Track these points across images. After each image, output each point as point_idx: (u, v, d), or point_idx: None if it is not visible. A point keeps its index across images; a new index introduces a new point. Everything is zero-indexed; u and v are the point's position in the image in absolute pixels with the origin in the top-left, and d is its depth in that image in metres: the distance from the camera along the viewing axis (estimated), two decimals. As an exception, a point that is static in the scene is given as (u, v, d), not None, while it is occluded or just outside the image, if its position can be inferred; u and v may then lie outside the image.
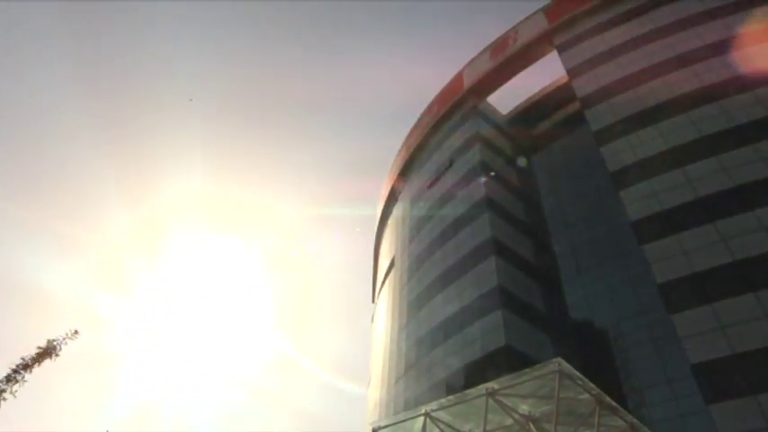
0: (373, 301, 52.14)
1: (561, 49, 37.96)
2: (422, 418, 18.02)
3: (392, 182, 51.87)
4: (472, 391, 17.42)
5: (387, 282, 44.07)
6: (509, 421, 17.30)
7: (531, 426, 17.13)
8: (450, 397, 19.42)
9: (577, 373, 15.31)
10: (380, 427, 19.32)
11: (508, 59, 42.16)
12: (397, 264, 41.58)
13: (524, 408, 17.25)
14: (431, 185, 40.96)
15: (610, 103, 31.00)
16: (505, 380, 16.50)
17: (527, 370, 16.42)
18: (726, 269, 20.82)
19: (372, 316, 49.30)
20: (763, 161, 23.27)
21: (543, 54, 41.25)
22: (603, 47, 35.11)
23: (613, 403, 15.57)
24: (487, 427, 17.17)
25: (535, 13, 42.77)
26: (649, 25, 34.22)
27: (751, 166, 23.32)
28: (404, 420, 19.31)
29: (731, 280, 20.43)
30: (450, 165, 39.50)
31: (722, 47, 29.61)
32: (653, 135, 27.55)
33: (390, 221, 49.94)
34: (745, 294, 19.67)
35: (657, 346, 23.85)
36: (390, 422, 19.85)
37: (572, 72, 35.51)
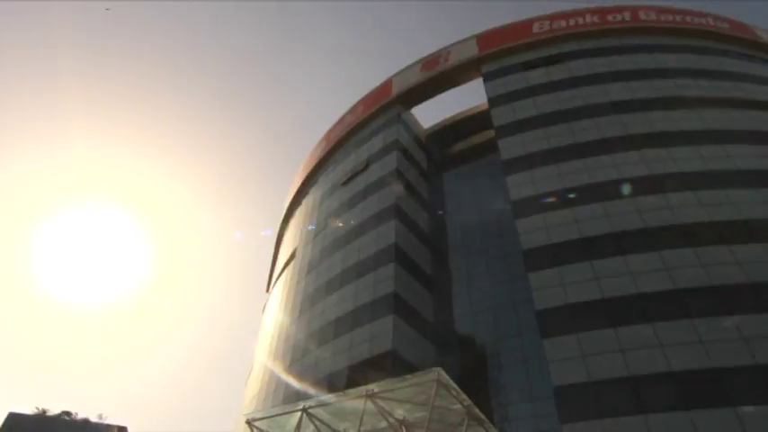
0: (268, 291, 51.03)
1: (486, 78, 39.98)
2: (298, 414, 17.94)
3: (306, 173, 51.23)
4: (352, 392, 17.68)
5: (285, 273, 43.39)
6: (383, 424, 17.77)
7: (404, 430, 17.75)
8: (331, 395, 19.53)
9: (454, 384, 16.12)
10: (255, 420, 18.95)
11: (437, 76, 43.55)
12: (298, 256, 41.12)
13: (400, 412, 17.81)
14: (344, 183, 41.06)
15: (521, 136, 33.21)
16: (386, 384, 16.95)
17: (408, 376, 16.99)
18: (594, 304, 23.15)
19: (264, 306, 48.22)
20: (638, 213, 26.22)
21: (470, 78, 43.14)
22: (524, 84, 37.53)
23: (482, 415, 16.62)
24: (362, 428, 17.52)
25: (469, 38, 44.65)
26: (565, 73, 37.17)
27: (629, 216, 26.18)
28: (280, 414, 19.08)
29: (597, 315, 22.75)
30: (366, 167, 39.89)
31: (622, 106, 32.97)
32: (553, 174, 29.93)
33: (298, 212, 49.28)
34: (606, 329, 22.00)
35: (528, 366, 25.94)
36: (266, 415, 19.52)
37: (492, 101, 37.54)
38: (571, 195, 28.30)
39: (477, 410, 16.55)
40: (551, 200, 28.53)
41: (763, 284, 22.04)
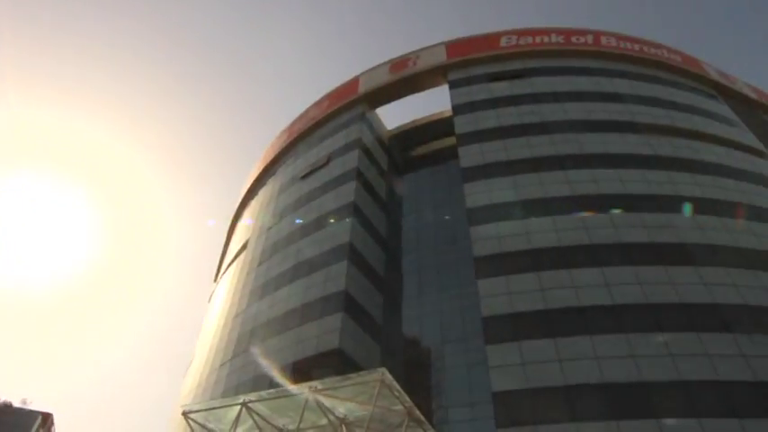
0: (215, 280, 49.88)
1: (452, 86, 40.60)
2: (237, 407, 17.70)
3: (265, 164, 50.43)
4: (295, 388, 17.62)
5: (235, 263, 42.53)
6: (323, 421, 17.78)
7: (344, 428, 17.81)
8: (272, 390, 19.37)
9: (397, 386, 16.32)
10: (191, 411, 18.55)
11: (405, 79, 43.87)
12: (250, 247, 40.40)
13: (341, 410, 17.88)
14: (303, 177, 40.71)
15: (481, 146, 33.91)
16: (329, 381, 16.99)
17: (352, 375, 17.07)
18: (537, 314, 23.93)
19: (211, 295, 47.09)
20: (585, 229, 27.30)
21: (437, 84, 43.71)
22: (488, 95, 38.35)
23: (421, 417, 16.89)
24: (301, 425, 17.48)
25: (439, 44, 45.24)
26: (528, 89, 38.27)
27: (577, 232, 27.21)
28: (219, 407, 18.77)
29: (539, 325, 23.54)
30: (327, 162, 39.71)
31: (579, 126, 34.26)
32: (508, 185, 30.74)
33: (253, 203, 48.44)
34: (547, 339, 22.79)
35: (470, 371, 26.51)
36: (203, 407, 19.17)
37: (456, 109, 38.15)
38: (524, 207, 29.14)
39: (417, 412, 16.81)
40: (505, 210, 29.26)
41: (691, 305, 23.41)
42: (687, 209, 28.22)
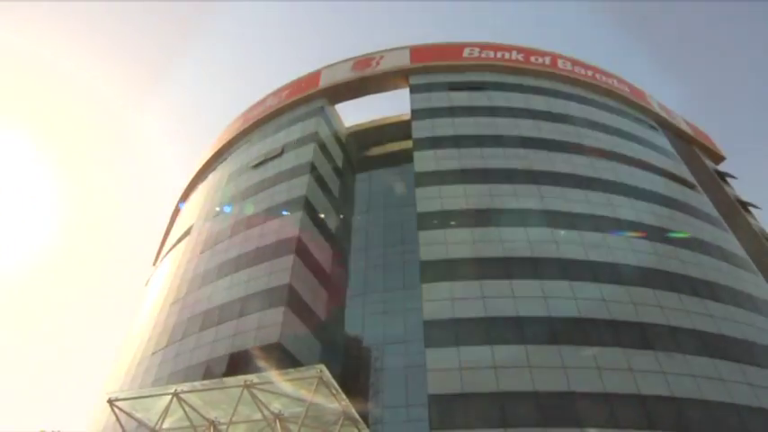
0: (154, 264, 47.94)
1: (413, 90, 41.08)
2: (168, 397, 17.14)
3: (217, 148, 49.01)
4: (230, 380, 17.27)
5: (176, 248, 41.04)
6: (257, 416, 17.50)
7: (278, 424, 17.59)
8: (206, 381, 18.88)
9: (335, 383, 16.29)
10: (117, 399, 17.79)
11: (367, 78, 43.96)
12: (194, 233, 39.10)
13: (276, 406, 17.65)
14: (255, 166, 39.89)
15: (436, 152, 34.51)
16: (266, 375, 16.78)
17: (290, 370, 16.91)
18: (477, 321, 24.56)
19: (148, 279, 45.20)
20: (528, 242, 28.32)
21: (398, 86, 44.04)
22: (447, 103, 39.09)
23: (357, 416, 16.96)
24: (234, 418, 17.14)
25: (403, 47, 45.63)
26: (485, 101, 39.32)
27: (520, 244, 28.18)
28: (148, 396, 18.14)
29: (478, 331, 24.18)
30: (281, 153, 39.11)
31: (530, 142, 35.51)
32: (459, 193, 31.43)
33: (201, 187, 46.96)
34: (484, 346, 23.46)
35: (408, 373, 26.88)
36: (131, 395, 18.47)
37: (415, 114, 38.62)
38: (473, 216, 29.86)
39: (353, 411, 16.85)
40: (454, 217, 29.86)
41: (619, 322, 24.78)
42: (621, 230, 29.89)
